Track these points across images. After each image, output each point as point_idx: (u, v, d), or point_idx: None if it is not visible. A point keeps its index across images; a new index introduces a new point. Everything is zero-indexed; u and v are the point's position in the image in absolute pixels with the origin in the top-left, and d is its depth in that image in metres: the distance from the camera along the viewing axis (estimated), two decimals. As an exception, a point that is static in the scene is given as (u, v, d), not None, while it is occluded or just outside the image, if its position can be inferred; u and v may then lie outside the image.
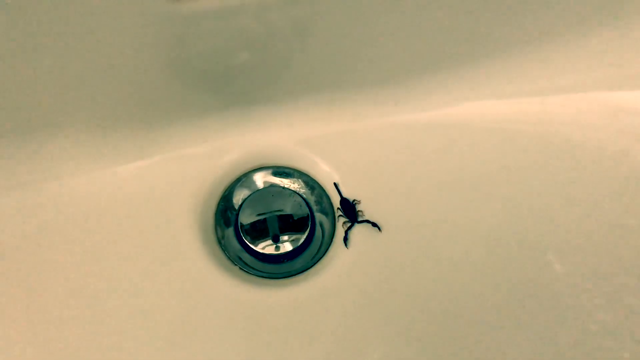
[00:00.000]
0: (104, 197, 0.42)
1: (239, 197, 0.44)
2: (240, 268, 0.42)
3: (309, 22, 0.41)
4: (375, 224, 0.42)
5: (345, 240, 0.42)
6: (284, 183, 0.45)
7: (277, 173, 0.45)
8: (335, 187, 0.44)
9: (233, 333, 0.39)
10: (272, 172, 0.45)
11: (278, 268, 0.42)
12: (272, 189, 0.44)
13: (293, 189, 0.44)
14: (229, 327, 0.39)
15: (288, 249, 0.42)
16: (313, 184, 0.45)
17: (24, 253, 0.40)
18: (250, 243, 0.42)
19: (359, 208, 0.43)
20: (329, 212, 0.44)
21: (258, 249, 0.42)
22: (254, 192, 0.44)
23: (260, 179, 0.45)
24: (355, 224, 0.42)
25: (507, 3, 0.42)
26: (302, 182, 0.45)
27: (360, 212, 0.43)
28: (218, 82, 0.43)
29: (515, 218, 0.42)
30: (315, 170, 0.45)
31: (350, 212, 0.43)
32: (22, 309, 0.38)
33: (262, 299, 0.40)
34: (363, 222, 0.42)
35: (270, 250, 0.42)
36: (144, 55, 0.39)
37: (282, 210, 0.43)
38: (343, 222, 0.43)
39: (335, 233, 0.43)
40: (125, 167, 0.43)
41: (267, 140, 0.45)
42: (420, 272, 0.41)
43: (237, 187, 0.44)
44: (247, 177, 0.45)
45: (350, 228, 0.42)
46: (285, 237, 0.42)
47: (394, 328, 0.39)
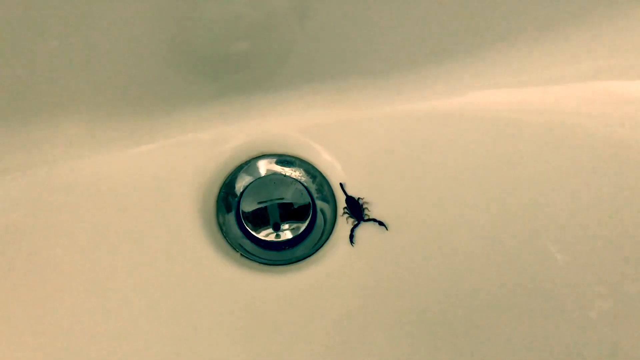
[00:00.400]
0: (105, 183, 0.42)
1: (241, 184, 0.44)
2: (242, 255, 0.42)
3: (312, 9, 0.41)
4: (382, 223, 0.42)
5: (352, 238, 0.42)
6: (286, 171, 0.45)
7: (279, 161, 0.45)
8: (341, 187, 0.44)
9: (234, 319, 0.39)
10: (274, 160, 0.45)
11: (279, 255, 0.42)
12: (273, 177, 0.44)
13: (295, 177, 0.44)
14: (230, 312, 0.39)
15: (289, 237, 0.42)
16: (315, 173, 0.45)
17: (27, 237, 0.40)
18: (252, 230, 0.42)
19: (365, 205, 0.43)
20: (330, 200, 0.44)
21: (260, 236, 0.42)
22: (256, 179, 0.44)
23: (262, 167, 0.45)
24: (362, 223, 0.42)
25: (511, -8, 0.42)
26: (303, 170, 0.45)
27: (367, 209, 0.42)
28: (220, 68, 0.43)
29: (518, 208, 0.42)
30: (317, 159, 0.45)
31: (356, 210, 0.42)
32: (21, 292, 0.38)
33: (263, 286, 0.40)
34: (369, 220, 0.42)
35: (272, 238, 0.42)
36: (146, 41, 0.39)
37: (283, 198, 0.43)
38: (347, 217, 0.43)
39: (337, 221, 0.43)
40: (127, 152, 0.43)
41: (269, 128, 0.45)
42: (422, 260, 0.41)
43: (239, 174, 0.44)
44: (249, 164, 0.45)
45: (357, 226, 0.42)
46: (286, 225, 0.42)
47: (395, 315, 0.39)
